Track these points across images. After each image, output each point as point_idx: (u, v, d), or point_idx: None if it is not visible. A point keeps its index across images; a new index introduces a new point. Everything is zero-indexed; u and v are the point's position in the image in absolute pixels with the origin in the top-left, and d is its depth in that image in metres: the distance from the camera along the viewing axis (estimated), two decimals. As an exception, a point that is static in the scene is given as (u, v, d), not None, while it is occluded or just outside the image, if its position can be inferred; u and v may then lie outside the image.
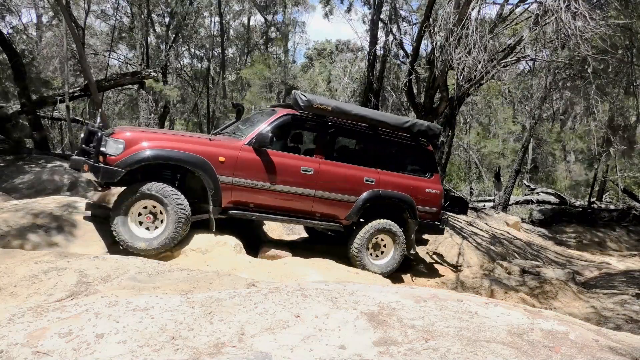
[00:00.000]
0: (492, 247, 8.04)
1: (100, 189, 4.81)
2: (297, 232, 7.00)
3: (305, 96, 4.71)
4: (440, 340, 1.90)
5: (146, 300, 2.11)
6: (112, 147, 3.92)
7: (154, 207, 4.03)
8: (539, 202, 16.27)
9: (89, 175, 4.10)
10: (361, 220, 5.13)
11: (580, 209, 15.40)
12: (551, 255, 8.86)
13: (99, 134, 4.01)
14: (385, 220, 5.15)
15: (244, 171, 4.37)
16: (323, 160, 4.88)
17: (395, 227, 5.19)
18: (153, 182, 3.96)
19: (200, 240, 4.32)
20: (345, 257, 5.11)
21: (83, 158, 4.20)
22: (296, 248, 5.43)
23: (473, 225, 9.30)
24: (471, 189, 20.66)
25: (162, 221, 4.04)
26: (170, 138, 4.21)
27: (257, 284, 2.89)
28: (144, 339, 1.72)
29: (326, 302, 2.27)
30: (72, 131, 10.81)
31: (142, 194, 3.92)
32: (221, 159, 4.25)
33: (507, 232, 9.75)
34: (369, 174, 5.09)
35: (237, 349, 1.70)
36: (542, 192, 17.46)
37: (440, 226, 5.70)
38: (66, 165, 8.48)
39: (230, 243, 4.44)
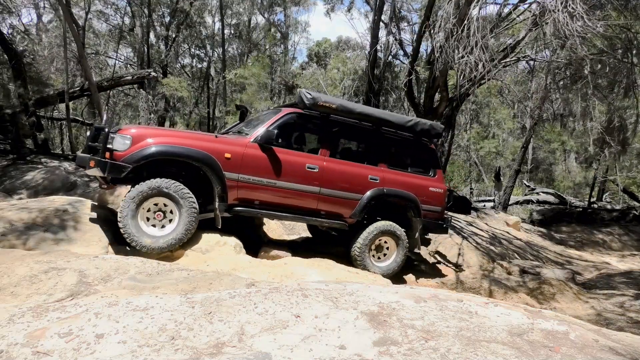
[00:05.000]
0: (492, 247, 8.04)
1: (104, 186, 4.75)
2: (297, 232, 7.00)
3: (310, 94, 4.73)
4: (440, 340, 1.90)
5: (146, 300, 2.11)
6: (119, 143, 3.91)
7: (165, 205, 4.03)
8: (539, 202, 16.29)
9: (94, 172, 4.06)
10: (365, 219, 5.12)
11: (580, 209, 15.41)
12: (551, 255, 8.86)
13: (106, 130, 4.02)
14: (389, 223, 5.14)
15: (249, 168, 4.38)
16: (328, 158, 4.89)
17: (399, 229, 5.18)
18: (167, 179, 3.97)
19: (200, 240, 4.32)
20: (345, 257, 5.10)
21: (89, 155, 4.17)
22: (296, 248, 5.43)
23: (473, 225, 9.31)
24: (471, 189, 20.68)
25: (170, 220, 4.04)
26: (176, 135, 4.25)
27: (257, 284, 2.89)
28: (144, 339, 1.72)
29: (326, 302, 2.27)
30: (72, 131, 10.81)
31: (156, 191, 3.91)
32: (227, 155, 4.25)
33: (507, 232, 9.74)
34: (374, 172, 5.10)
35: (237, 349, 1.70)
36: (542, 192, 17.49)
37: (444, 225, 5.71)
38: (66, 165, 8.48)
39: (230, 243, 4.44)
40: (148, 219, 4.01)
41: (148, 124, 13.63)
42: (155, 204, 4.00)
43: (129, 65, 16.71)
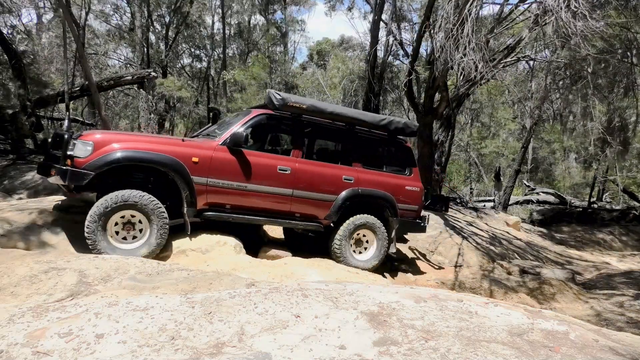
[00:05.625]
0: (492, 247, 8.04)
1: (69, 194, 4.54)
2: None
3: (279, 95, 4.65)
4: (440, 340, 1.90)
5: (146, 300, 2.11)
6: (80, 149, 3.72)
7: (133, 216, 3.83)
8: (539, 202, 16.29)
9: (55, 180, 3.87)
10: (341, 220, 5.05)
11: (580, 209, 15.40)
12: (551, 255, 8.85)
13: (66, 136, 3.88)
14: (366, 215, 5.11)
15: (218, 172, 4.26)
16: (300, 159, 4.82)
17: (376, 221, 5.16)
18: (130, 191, 3.78)
19: (200, 240, 4.32)
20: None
21: (50, 163, 4.05)
22: (296, 248, 5.43)
23: (473, 225, 9.31)
24: (471, 189, 20.68)
25: (140, 230, 3.88)
26: (141, 139, 4.09)
27: (257, 284, 2.89)
28: (144, 339, 1.72)
29: (326, 302, 2.27)
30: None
31: (121, 205, 3.72)
32: (195, 159, 4.13)
33: (507, 232, 9.74)
34: (348, 173, 5.06)
35: (237, 349, 1.70)
36: (542, 192, 17.50)
37: (422, 224, 5.67)
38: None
39: (230, 243, 4.44)
40: (125, 238, 3.84)
41: (148, 125, 13.64)
42: (116, 223, 3.80)
43: (128, 65, 16.71)
